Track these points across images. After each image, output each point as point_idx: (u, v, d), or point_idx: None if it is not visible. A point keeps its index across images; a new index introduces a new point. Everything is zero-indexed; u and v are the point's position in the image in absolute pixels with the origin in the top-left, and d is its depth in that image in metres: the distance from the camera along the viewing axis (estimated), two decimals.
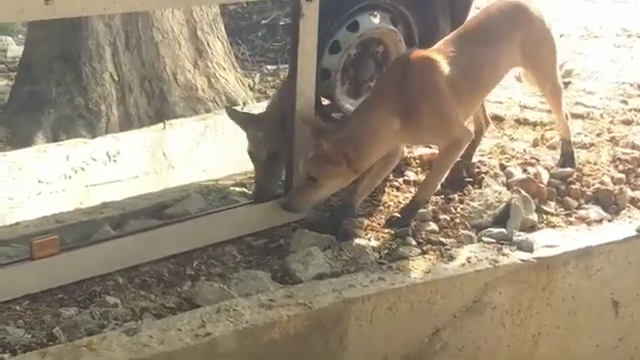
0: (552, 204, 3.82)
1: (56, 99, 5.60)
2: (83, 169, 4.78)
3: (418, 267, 3.26)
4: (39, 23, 5.33)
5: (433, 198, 3.68)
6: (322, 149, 3.24)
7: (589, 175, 4.03)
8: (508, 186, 3.83)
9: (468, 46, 3.58)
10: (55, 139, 5.37)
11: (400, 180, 3.87)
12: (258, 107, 5.64)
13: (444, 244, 3.45)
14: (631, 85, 5.27)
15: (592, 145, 4.36)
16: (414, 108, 3.40)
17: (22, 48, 6.27)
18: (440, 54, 3.51)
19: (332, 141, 3.26)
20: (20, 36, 7.38)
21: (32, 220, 3.57)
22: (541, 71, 3.96)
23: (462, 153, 3.69)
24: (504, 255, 3.41)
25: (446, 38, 3.68)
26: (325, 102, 3.89)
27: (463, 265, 3.32)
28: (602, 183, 3.96)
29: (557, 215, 3.76)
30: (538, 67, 3.94)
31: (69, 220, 3.52)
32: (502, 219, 3.60)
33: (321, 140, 3.26)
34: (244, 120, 3.74)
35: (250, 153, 3.63)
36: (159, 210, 3.60)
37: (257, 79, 6.83)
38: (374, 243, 3.42)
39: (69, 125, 5.55)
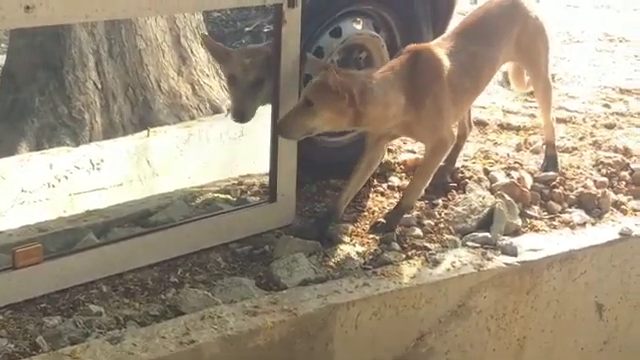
0: (536, 208, 3.83)
1: (39, 108, 5.56)
2: (67, 177, 4.75)
3: (403, 272, 3.26)
4: (21, 31, 5.31)
5: (417, 203, 3.69)
6: (328, 78, 3.18)
7: (572, 179, 4.05)
8: (492, 191, 3.84)
9: (469, 43, 3.60)
10: (38, 148, 5.33)
11: (384, 185, 3.88)
12: None
13: (428, 249, 3.45)
14: (613, 89, 5.31)
15: (575, 149, 4.39)
16: (418, 96, 3.40)
17: (4, 57, 6.24)
18: (445, 50, 3.53)
19: (342, 74, 3.24)
20: (2, 45, 7.34)
21: (15, 229, 3.54)
22: (535, 67, 3.98)
23: (445, 158, 3.70)
24: (488, 259, 3.42)
25: (447, 34, 3.70)
26: None
27: (448, 270, 3.33)
28: (585, 187, 3.98)
29: (541, 219, 3.78)
30: (532, 62, 3.96)
31: (53, 229, 3.50)
32: (486, 223, 3.60)
33: (331, 69, 3.21)
34: (225, 50, 3.75)
35: (232, 76, 3.61)
36: (143, 217, 3.59)
37: None
38: (359, 249, 3.43)
39: (52, 134, 5.52)
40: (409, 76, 3.41)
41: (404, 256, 3.38)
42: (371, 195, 3.79)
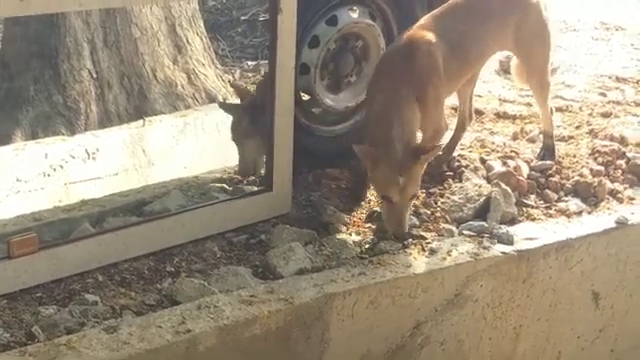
0: (532, 197, 3.83)
1: (34, 96, 5.54)
2: (62, 167, 4.74)
3: (399, 261, 3.26)
4: (16, 20, 5.29)
5: None
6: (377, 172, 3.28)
7: (568, 168, 4.05)
8: (488, 179, 3.83)
9: (457, 23, 3.57)
10: (33, 137, 5.31)
11: None
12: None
13: (425, 238, 3.45)
14: (609, 78, 5.30)
15: (571, 138, 4.38)
16: (424, 91, 3.41)
17: None
18: (435, 34, 3.49)
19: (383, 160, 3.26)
20: None
21: (10, 218, 3.53)
22: (531, 62, 3.92)
23: (443, 148, 3.68)
24: (485, 248, 3.42)
25: (434, 13, 3.65)
26: (305, 97, 3.88)
27: (444, 259, 3.33)
28: (581, 175, 3.98)
29: (537, 208, 3.77)
30: (529, 57, 3.91)
31: (48, 218, 3.49)
32: (482, 212, 3.60)
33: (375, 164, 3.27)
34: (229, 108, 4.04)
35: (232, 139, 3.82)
36: (139, 207, 3.58)
37: (237, 75, 6.80)
38: (355, 238, 3.42)
39: (47, 123, 5.49)
40: (411, 76, 3.39)
41: (400, 245, 3.38)
42: (368, 184, 3.78)
